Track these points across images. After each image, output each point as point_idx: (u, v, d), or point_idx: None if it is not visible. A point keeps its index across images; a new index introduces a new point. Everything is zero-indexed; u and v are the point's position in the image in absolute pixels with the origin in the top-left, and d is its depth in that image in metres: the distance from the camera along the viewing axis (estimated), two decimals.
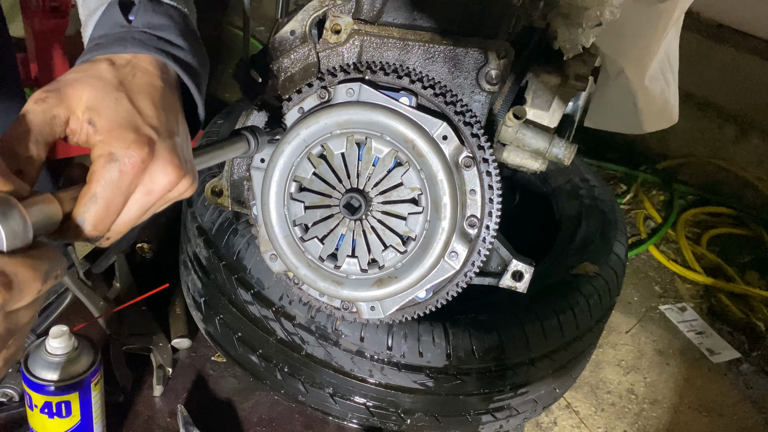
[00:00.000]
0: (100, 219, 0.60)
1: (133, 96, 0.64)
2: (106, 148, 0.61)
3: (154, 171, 0.63)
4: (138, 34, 0.69)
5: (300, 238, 0.98)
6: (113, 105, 0.62)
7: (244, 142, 0.84)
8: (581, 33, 0.99)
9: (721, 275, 2.83)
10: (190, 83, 0.72)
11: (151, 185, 0.63)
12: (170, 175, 0.64)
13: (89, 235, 0.61)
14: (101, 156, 0.61)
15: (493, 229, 0.96)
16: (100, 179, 0.60)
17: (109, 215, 0.61)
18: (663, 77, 1.31)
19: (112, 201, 0.60)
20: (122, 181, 0.61)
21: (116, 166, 0.60)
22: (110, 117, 0.62)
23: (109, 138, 0.61)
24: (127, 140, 0.61)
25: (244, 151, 0.85)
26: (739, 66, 3.09)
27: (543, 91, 1.22)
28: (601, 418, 2.15)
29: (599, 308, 1.18)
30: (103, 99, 0.62)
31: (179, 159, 0.65)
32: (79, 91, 0.62)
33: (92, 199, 0.60)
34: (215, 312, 1.18)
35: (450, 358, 1.05)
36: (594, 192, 1.42)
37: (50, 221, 0.56)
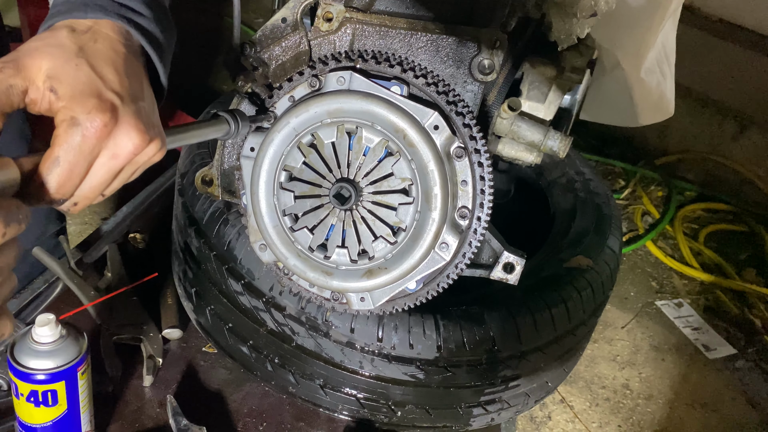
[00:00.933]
0: (63, 181, 0.61)
1: (94, 62, 0.64)
2: (68, 113, 0.61)
3: (118, 135, 0.63)
4: (100, 0, 0.69)
5: (290, 228, 0.97)
6: (74, 72, 0.63)
7: (224, 124, 0.84)
8: (576, 23, 0.98)
9: (718, 272, 2.82)
10: (151, 51, 0.72)
11: (116, 149, 0.63)
12: (134, 139, 0.64)
13: (53, 198, 0.61)
14: (63, 121, 0.61)
15: (484, 220, 0.95)
16: (63, 143, 0.60)
17: (72, 178, 0.61)
18: (659, 70, 1.30)
19: (75, 164, 0.61)
20: (85, 145, 0.61)
21: (78, 130, 0.60)
22: (71, 83, 0.62)
23: (71, 104, 0.61)
24: (89, 105, 0.61)
25: (225, 134, 0.85)
26: (740, 62, 3.08)
27: (539, 83, 1.21)
28: (595, 413, 2.15)
29: (592, 302, 1.17)
30: (63, 66, 0.62)
31: (144, 123, 0.65)
32: (38, 60, 0.62)
33: (55, 162, 0.60)
34: (206, 302, 1.18)
35: (441, 350, 1.04)
36: (589, 186, 1.42)
37: (8, 184, 0.57)
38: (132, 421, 1.12)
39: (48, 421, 0.95)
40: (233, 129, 0.85)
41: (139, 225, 1.50)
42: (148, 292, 1.31)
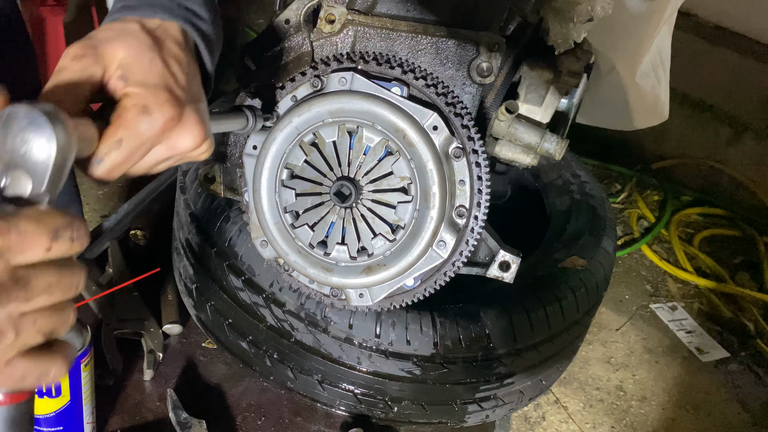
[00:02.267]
0: (117, 165, 0.61)
1: (166, 59, 0.66)
2: (141, 100, 0.62)
3: (182, 131, 0.65)
4: (166, 1, 0.71)
5: (291, 225, 0.99)
6: (148, 64, 0.64)
7: (243, 118, 0.86)
8: (573, 28, 1.00)
9: (713, 276, 2.84)
10: (206, 54, 0.74)
11: (176, 142, 0.65)
12: (196, 137, 0.66)
13: (101, 176, 0.61)
14: (134, 106, 0.61)
15: (481, 219, 0.97)
16: (129, 126, 0.61)
17: (127, 164, 0.62)
18: (654, 74, 1.32)
19: (135, 151, 0.61)
20: (150, 135, 0.62)
21: (148, 119, 0.61)
22: (146, 75, 0.63)
23: (144, 92, 0.62)
24: (161, 98, 0.63)
25: (242, 127, 0.87)
26: (736, 68, 3.10)
27: (536, 86, 1.23)
28: (589, 414, 2.16)
29: (586, 301, 1.20)
30: (138, 57, 0.64)
31: (205, 123, 0.67)
32: (114, 48, 0.63)
33: (117, 143, 0.60)
34: (206, 298, 1.19)
35: (437, 346, 1.06)
36: (585, 188, 1.44)
37: (87, 142, 0.57)
38: (132, 414, 1.13)
39: (51, 412, 0.96)
40: (251, 124, 0.87)
41: (141, 222, 1.52)
42: (149, 287, 1.33)
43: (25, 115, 0.51)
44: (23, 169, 0.52)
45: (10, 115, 0.51)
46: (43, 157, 0.51)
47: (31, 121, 0.51)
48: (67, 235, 0.50)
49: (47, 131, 0.51)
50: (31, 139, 0.51)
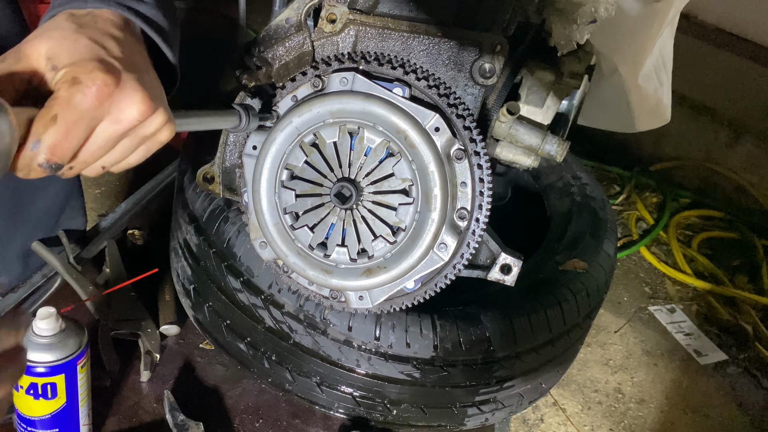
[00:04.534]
0: (58, 142, 0.58)
1: (94, 36, 0.63)
2: (70, 74, 0.59)
3: (121, 99, 0.61)
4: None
5: (290, 226, 0.98)
6: (72, 45, 0.62)
7: (236, 116, 0.85)
8: (576, 29, 0.99)
9: (711, 278, 2.84)
10: (154, 34, 0.72)
11: (118, 114, 0.61)
12: (138, 104, 0.62)
13: (46, 160, 0.58)
14: (65, 81, 0.59)
15: (482, 221, 0.96)
16: (62, 101, 0.58)
17: (69, 139, 0.59)
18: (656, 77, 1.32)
19: (74, 124, 0.58)
20: (84, 104, 0.58)
21: (79, 88, 0.58)
22: (71, 53, 0.61)
23: (72, 67, 0.60)
24: (90, 67, 0.60)
25: (234, 126, 0.85)
26: (736, 70, 3.10)
27: (537, 88, 1.22)
28: (587, 416, 2.16)
29: (587, 304, 1.19)
30: (61, 44, 0.62)
31: (148, 91, 0.63)
32: (36, 45, 0.61)
33: (52, 119, 0.57)
34: (204, 299, 1.18)
35: (437, 349, 1.05)
36: (585, 190, 1.43)
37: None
38: (129, 416, 1.12)
39: (47, 414, 0.95)
40: (244, 122, 0.86)
41: (138, 221, 1.51)
42: (147, 288, 1.32)
43: None
44: None
45: None
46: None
47: None
48: None
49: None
50: None
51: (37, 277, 1.31)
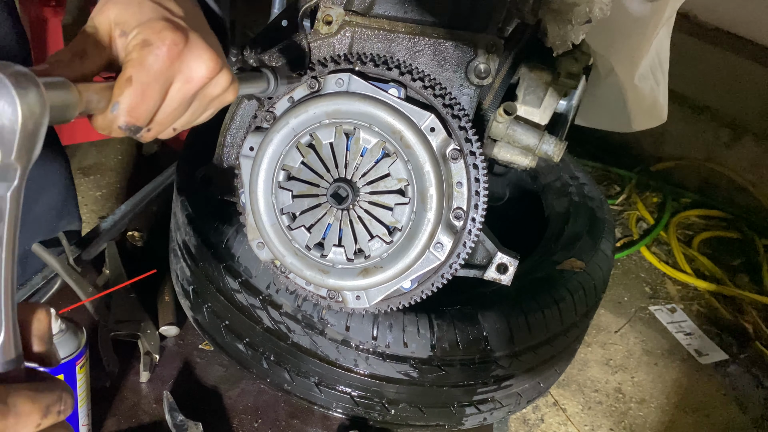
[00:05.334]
0: (135, 104, 0.59)
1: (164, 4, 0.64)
2: (139, 37, 0.60)
3: (191, 58, 0.62)
4: None
5: (287, 227, 0.99)
6: (137, 9, 0.62)
7: (264, 80, 0.85)
8: (571, 30, 1.00)
9: (712, 278, 2.84)
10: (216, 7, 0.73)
11: (189, 72, 0.62)
12: (208, 61, 0.63)
13: (126, 122, 0.60)
14: (135, 44, 0.60)
15: (479, 221, 0.97)
16: (135, 64, 0.59)
17: (146, 100, 0.60)
18: (653, 76, 1.32)
19: (148, 85, 0.59)
20: (157, 64, 0.60)
21: (150, 49, 0.59)
22: (137, 17, 0.62)
23: (140, 29, 0.60)
24: (158, 27, 0.61)
25: (263, 90, 0.85)
26: (735, 70, 3.10)
27: (534, 88, 1.23)
28: (587, 416, 2.16)
29: (584, 304, 1.19)
30: (126, 9, 0.62)
31: (215, 49, 0.64)
32: (105, 14, 0.62)
33: (127, 82, 0.59)
34: (203, 300, 1.19)
35: (434, 349, 1.06)
36: (583, 190, 1.43)
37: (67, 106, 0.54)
38: (128, 417, 1.13)
39: None
40: (272, 87, 0.86)
41: (138, 223, 1.52)
42: (146, 289, 1.32)
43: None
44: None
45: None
46: (9, 123, 0.48)
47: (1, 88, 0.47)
48: (56, 409, 0.52)
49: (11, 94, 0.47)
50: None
51: (37, 278, 1.31)
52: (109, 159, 2.76)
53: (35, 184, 1.33)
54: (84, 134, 2.50)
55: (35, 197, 1.33)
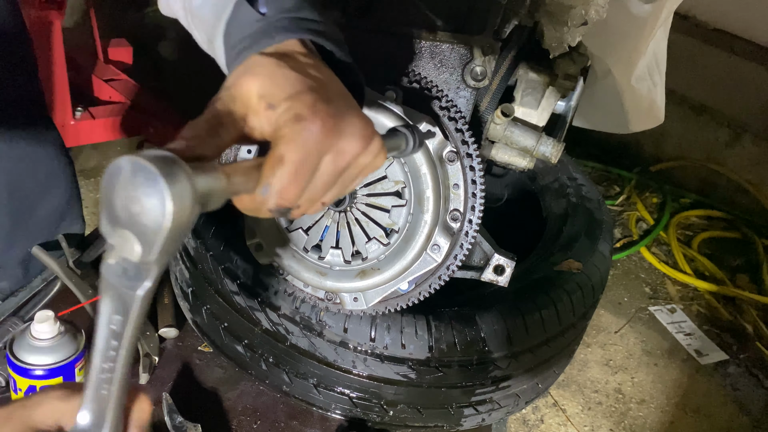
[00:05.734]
0: (287, 184, 0.55)
1: (297, 68, 0.60)
2: (290, 111, 0.56)
3: (343, 129, 0.58)
4: (278, 22, 0.65)
5: (285, 229, 0.99)
6: (283, 80, 0.58)
7: (401, 138, 0.76)
8: (567, 32, 1.00)
9: (712, 278, 2.84)
10: (338, 51, 0.67)
11: (341, 144, 0.58)
12: (361, 132, 0.59)
13: (277, 205, 0.56)
14: (287, 119, 0.56)
15: (476, 223, 0.97)
16: (288, 141, 0.55)
17: (298, 180, 0.56)
18: (650, 78, 1.33)
19: (302, 163, 0.55)
20: (311, 141, 0.56)
21: (304, 124, 0.55)
22: (286, 89, 0.57)
23: (291, 103, 0.56)
24: (309, 100, 0.57)
25: (398, 151, 0.77)
26: (734, 70, 3.11)
27: (532, 90, 1.23)
28: (587, 416, 2.16)
29: (582, 305, 1.19)
30: (271, 80, 0.58)
31: (366, 118, 0.61)
32: (246, 85, 0.58)
33: (279, 160, 0.54)
34: (202, 302, 1.19)
35: (432, 350, 1.06)
36: (581, 191, 1.44)
37: (214, 194, 0.49)
38: None
39: None
40: (409, 147, 0.77)
41: None
42: None
43: (140, 169, 0.43)
44: (133, 231, 0.45)
45: (121, 166, 0.43)
46: (154, 219, 0.43)
47: (145, 177, 0.43)
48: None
49: (158, 186, 0.42)
50: (142, 199, 0.43)
51: (37, 281, 1.32)
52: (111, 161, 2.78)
53: (40, 186, 1.34)
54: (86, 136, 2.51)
55: (40, 200, 1.34)
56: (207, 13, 0.69)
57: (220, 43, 0.68)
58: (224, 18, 0.67)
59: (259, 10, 0.66)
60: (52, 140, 1.33)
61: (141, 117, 2.56)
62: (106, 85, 2.67)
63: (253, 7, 0.66)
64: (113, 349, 0.52)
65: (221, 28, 0.67)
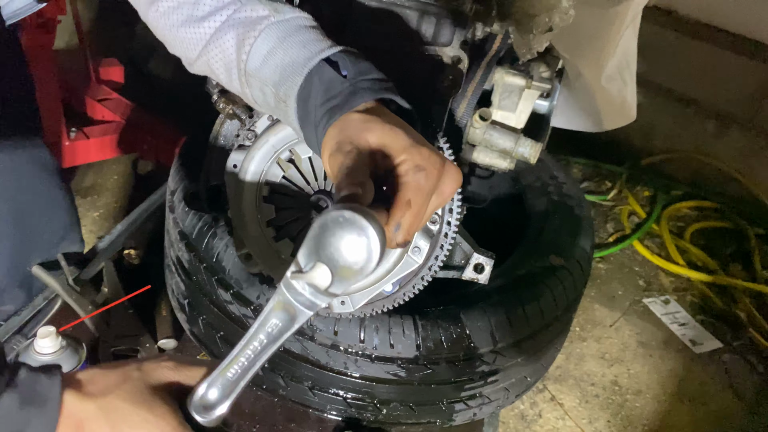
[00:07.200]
0: (413, 223, 0.67)
1: (397, 125, 0.71)
2: (411, 161, 0.67)
3: (446, 176, 0.70)
4: (360, 83, 0.75)
5: (272, 239, 1.04)
6: (391, 133, 0.69)
7: None
8: (533, 38, 1.05)
9: (704, 268, 2.88)
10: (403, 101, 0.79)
11: (443, 187, 0.70)
12: (457, 178, 0.71)
13: (403, 240, 0.67)
14: (408, 170, 0.67)
15: (454, 224, 1.01)
16: (412, 186, 0.66)
17: (419, 218, 0.68)
18: (620, 77, 1.37)
19: (422, 205, 0.67)
20: (428, 187, 0.68)
21: (424, 174, 0.67)
22: (399, 142, 0.68)
23: (410, 155, 0.67)
24: (425, 153, 0.68)
25: None
26: (717, 62, 3.15)
27: (509, 93, 1.27)
28: (585, 409, 2.20)
29: (564, 299, 1.23)
30: (386, 134, 0.69)
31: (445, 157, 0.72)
32: (366, 138, 0.68)
33: (406, 204, 0.66)
34: (198, 312, 1.24)
35: (420, 348, 1.10)
36: (562, 189, 1.48)
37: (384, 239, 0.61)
38: None
39: None
40: None
41: (134, 241, 1.56)
42: (144, 304, 1.37)
43: (352, 222, 0.56)
44: (329, 266, 0.58)
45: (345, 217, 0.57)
46: (357, 266, 0.57)
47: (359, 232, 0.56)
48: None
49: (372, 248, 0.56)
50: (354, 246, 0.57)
51: (38, 299, 1.36)
52: (107, 180, 2.82)
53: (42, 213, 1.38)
54: (81, 156, 2.56)
55: (42, 226, 1.38)
56: (268, 74, 0.79)
57: (294, 101, 0.77)
58: (299, 81, 0.76)
59: (341, 73, 0.76)
60: (52, 168, 1.38)
61: (135, 134, 2.60)
62: (98, 105, 2.71)
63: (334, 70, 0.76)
64: (260, 346, 0.66)
65: (296, 89, 0.76)
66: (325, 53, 0.77)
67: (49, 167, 1.36)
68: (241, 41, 0.80)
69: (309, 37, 0.79)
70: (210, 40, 0.82)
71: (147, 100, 2.89)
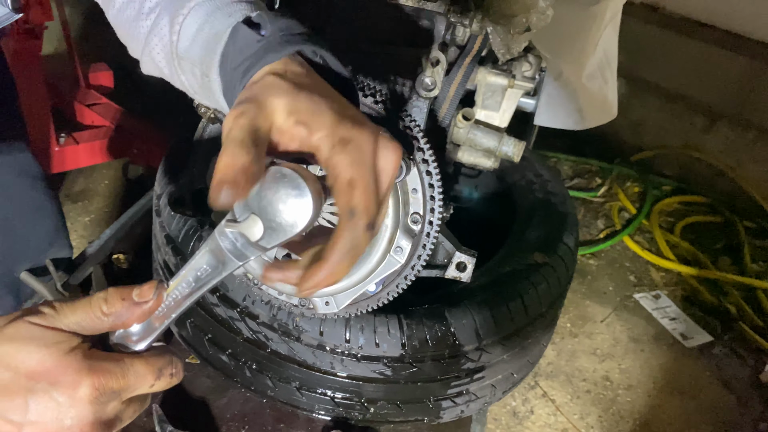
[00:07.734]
0: (368, 200, 0.60)
1: (318, 91, 0.62)
2: (336, 135, 0.59)
3: (380, 151, 0.62)
4: (278, 39, 0.66)
5: None
6: (311, 103, 0.60)
7: None
8: (511, 39, 1.06)
9: (694, 262, 2.90)
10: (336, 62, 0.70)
11: (380, 164, 0.62)
12: (395, 151, 0.63)
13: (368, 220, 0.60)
14: (334, 144, 0.59)
15: (436, 224, 1.02)
16: (347, 163, 0.59)
17: (372, 194, 0.60)
18: (601, 75, 1.38)
19: (368, 178, 0.60)
20: (366, 158, 0.60)
21: (354, 146, 0.59)
22: (319, 113, 0.60)
23: (333, 129, 0.59)
24: (349, 125, 0.60)
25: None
26: (706, 57, 3.17)
27: (492, 93, 1.29)
28: (576, 405, 2.21)
29: (548, 295, 1.25)
30: (297, 99, 0.60)
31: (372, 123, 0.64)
32: (272, 99, 0.60)
33: (349, 185, 0.59)
34: (186, 315, 1.24)
35: (405, 347, 1.11)
36: (547, 186, 1.49)
37: None
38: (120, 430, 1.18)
39: None
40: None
41: (123, 246, 1.57)
42: None
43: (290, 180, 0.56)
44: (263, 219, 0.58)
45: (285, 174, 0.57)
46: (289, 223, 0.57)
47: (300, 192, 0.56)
48: (167, 372, 0.64)
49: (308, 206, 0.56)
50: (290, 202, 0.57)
51: (27, 305, 1.37)
52: (97, 185, 2.82)
53: (28, 220, 1.39)
54: (71, 161, 2.56)
55: (28, 232, 1.39)
56: (197, 52, 0.71)
57: (216, 73, 0.69)
58: (219, 49, 0.68)
59: (261, 33, 0.68)
60: (37, 175, 1.39)
61: (125, 139, 2.61)
62: (88, 110, 2.72)
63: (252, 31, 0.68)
64: (188, 288, 0.67)
65: (217, 58, 0.68)
66: (244, 15, 0.68)
67: (33, 174, 1.36)
68: (172, 22, 0.72)
69: (237, 8, 0.69)
70: (150, 29, 0.74)
71: (137, 105, 2.90)
